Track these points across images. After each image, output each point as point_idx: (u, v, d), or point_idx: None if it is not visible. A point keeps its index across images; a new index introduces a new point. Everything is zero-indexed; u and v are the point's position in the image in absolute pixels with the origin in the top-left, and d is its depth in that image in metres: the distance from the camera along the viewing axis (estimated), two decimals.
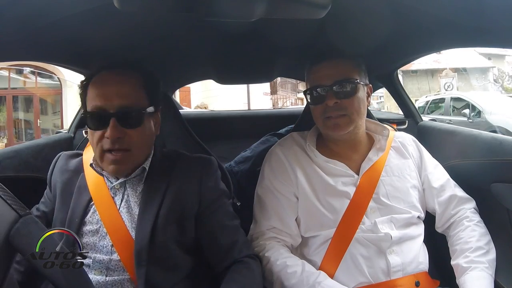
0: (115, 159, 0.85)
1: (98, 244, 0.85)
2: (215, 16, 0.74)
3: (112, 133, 0.82)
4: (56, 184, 0.95)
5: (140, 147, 0.89)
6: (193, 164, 0.96)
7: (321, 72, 1.02)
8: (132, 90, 0.87)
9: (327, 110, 1.00)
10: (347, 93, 0.99)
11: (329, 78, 1.00)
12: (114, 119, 0.83)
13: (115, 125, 0.83)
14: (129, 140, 0.85)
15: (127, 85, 0.87)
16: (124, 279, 0.83)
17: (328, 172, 1.02)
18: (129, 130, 0.85)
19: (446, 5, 0.81)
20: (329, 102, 0.99)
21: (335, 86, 0.99)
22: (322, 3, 0.71)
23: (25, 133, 10.98)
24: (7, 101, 10.44)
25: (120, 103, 0.84)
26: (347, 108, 0.99)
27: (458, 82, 14.54)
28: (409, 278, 0.94)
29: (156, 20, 0.98)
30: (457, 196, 1.05)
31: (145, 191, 0.90)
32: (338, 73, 1.00)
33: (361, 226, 0.96)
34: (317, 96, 1.02)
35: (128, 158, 0.86)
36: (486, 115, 7.18)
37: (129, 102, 0.85)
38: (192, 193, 0.91)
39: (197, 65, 1.65)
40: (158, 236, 0.85)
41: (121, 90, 0.85)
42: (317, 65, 1.04)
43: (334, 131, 1.01)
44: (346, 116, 1.00)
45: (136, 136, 0.86)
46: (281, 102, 18.25)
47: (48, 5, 0.76)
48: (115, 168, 0.86)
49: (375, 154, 1.05)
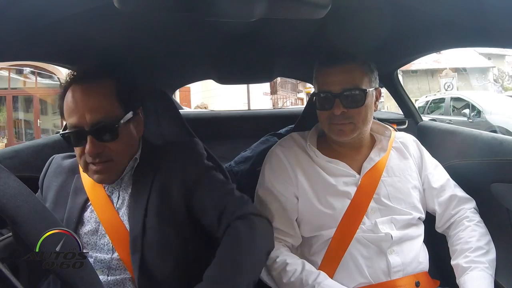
0: (98, 169, 0.85)
1: (99, 243, 0.86)
2: (215, 16, 0.74)
3: (90, 149, 0.82)
4: (50, 186, 0.95)
5: (122, 155, 0.88)
6: (177, 147, 0.97)
7: (330, 77, 0.99)
8: (104, 101, 0.84)
9: (333, 117, 0.99)
10: (355, 102, 0.97)
11: (338, 85, 0.97)
12: (91, 136, 0.82)
13: (92, 142, 0.82)
14: (109, 152, 0.85)
15: (98, 97, 0.83)
16: (125, 278, 0.84)
17: (330, 172, 1.02)
18: (108, 143, 0.84)
19: (446, 5, 0.81)
20: (336, 111, 0.97)
21: (343, 94, 0.96)
22: (322, 3, 0.71)
23: (25, 133, 10.97)
24: (7, 101, 10.44)
25: (93, 119, 0.81)
26: (354, 117, 0.98)
27: (458, 82, 14.54)
28: (409, 278, 0.94)
29: (156, 20, 0.98)
30: (457, 196, 1.05)
31: (135, 182, 0.91)
32: (347, 80, 0.97)
33: (361, 226, 0.96)
34: (324, 101, 1.00)
35: (110, 168, 0.86)
36: (486, 115, 7.18)
37: (102, 115, 0.82)
38: (178, 173, 0.91)
39: (197, 65, 1.65)
40: (149, 222, 0.85)
41: (91, 105, 0.82)
42: (327, 67, 1.00)
43: (339, 137, 1.01)
44: (352, 124, 0.99)
45: (115, 147, 0.85)
46: (281, 102, 18.27)
47: (48, 5, 0.76)
48: (99, 178, 0.87)
49: (377, 154, 1.04)
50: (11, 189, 0.64)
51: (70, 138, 0.84)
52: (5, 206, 0.62)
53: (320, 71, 1.03)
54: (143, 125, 0.95)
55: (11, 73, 10.35)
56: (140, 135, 0.95)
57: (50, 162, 1.01)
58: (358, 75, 0.99)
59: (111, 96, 0.85)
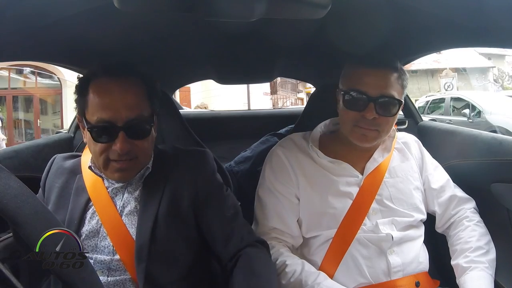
0: (121, 167, 0.84)
1: (100, 245, 0.85)
2: (215, 16, 0.74)
3: (122, 146, 0.80)
4: (52, 187, 0.94)
5: (146, 154, 0.89)
6: (189, 157, 0.96)
7: (368, 78, 0.93)
8: (139, 100, 0.85)
9: (361, 120, 0.94)
10: (388, 111, 0.93)
11: (376, 88, 0.92)
12: (123, 133, 0.81)
13: (124, 139, 0.81)
14: (136, 150, 0.84)
15: (134, 96, 0.84)
16: (125, 279, 0.83)
17: (332, 172, 1.01)
18: (137, 141, 0.84)
19: (446, 5, 0.81)
20: (368, 115, 0.92)
21: (380, 99, 0.92)
22: (322, 3, 0.71)
23: (25, 133, 10.98)
24: (7, 101, 10.45)
25: (128, 115, 0.81)
26: (381, 125, 0.95)
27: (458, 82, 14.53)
28: (409, 278, 0.94)
29: (156, 20, 0.98)
30: (457, 196, 1.05)
31: (145, 190, 0.90)
32: (386, 85, 0.92)
33: (362, 227, 0.96)
34: (355, 102, 0.94)
35: (134, 165, 0.87)
36: (486, 115, 7.18)
37: (137, 113, 0.83)
38: (189, 186, 0.91)
39: (197, 65, 1.65)
40: (158, 232, 0.85)
41: (128, 101, 0.82)
42: (366, 67, 0.94)
43: (360, 141, 0.98)
44: (377, 131, 0.96)
45: (143, 145, 0.85)
46: (281, 102, 18.25)
47: (48, 5, 0.76)
48: (120, 176, 0.86)
49: (380, 155, 1.04)
50: (11, 190, 0.64)
51: (98, 133, 0.82)
52: (5, 207, 0.62)
53: (356, 68, 0.96)
54: (156, 128, 0.94)
55: (11, 73, 10.36)
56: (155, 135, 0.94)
57: (51, 162, 1.00)
58: (396, 84, 0.94)
59: (144, 96, 0.86)
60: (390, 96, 0.93)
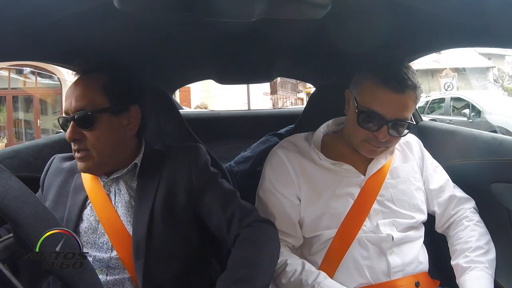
0: (78, 156, 0.88)
1: (98, 242, 0.86)
2: (215, 16, 0.74)
3: (68, 134, 0.86)
4: (50, 185, 0.96)
5: (98, 146, 0.87)
6: (181, 152, 0.97)
7: (389, 101, 0.91)
8: (89, 91, 0.88)
9: (372, 139, 0.95)
10: (399, 133, 0.95)
11: (393, 113, 0.91)
12: (73, 122, 0.86)
13: (72, 127, 0.86)
14: (85, 141, 0.87)
15: (85, 87, 0.88)
16: (124, 278, 0.84)
17: (334, 173, 1.01)
18: (85, 131, 0.86)
19: (446, 5, 0.81)
20: (381, 136, 0.92)
21: (394, 123, 0.92)
22: (322, 3, 0.71)
23: (25, 133, 10.97)
24: (7, 101, 10.44)
25: (76, 105, 0.86)
26: (391, 142, 0.97)
27: (458, 82, 14.53)
28: (409, 279, 0.94)
29: (156, 20, 0.98)
30: (456, 196, 1.05)
31: (139, 186, 0.91)
32: (403, 109, 0.91)
33: (363, 228, 0.96)
34: (369, 121, 0.93)
35: (88, 157, 0.87)
36: (486, 115, 7.18)
37: (83, 104, 0.86)
38: (184, 180, 0.92)
39: (197, 65, 1.65)
40: (155, 228, 0.86)
41: (77, 93, 0.87)
42: (389, 89, 0.90)
43: (368, 154, 0.99)
44: (386, 147, 0.98)
45: (91, 137, 0.86)
46: (281, 102, 18.24)
47: (48, 5, 0.76)
48: (80, 166, 0.89)
49: (383, 157, 1.03)
50: (12, 190, 0.64)
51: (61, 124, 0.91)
52: (6, 207, 0.62)
53: (377, 85, 0.92)
54: (137, 124, 0.94)
55: (11, 73, 10.35)
56: (133, 133, 0.94)
57: (51, 162, 1.01)
58: (411, 106, 0.93)
59: (97, 87, 0.88)
60: (405, 119, 0.93)
